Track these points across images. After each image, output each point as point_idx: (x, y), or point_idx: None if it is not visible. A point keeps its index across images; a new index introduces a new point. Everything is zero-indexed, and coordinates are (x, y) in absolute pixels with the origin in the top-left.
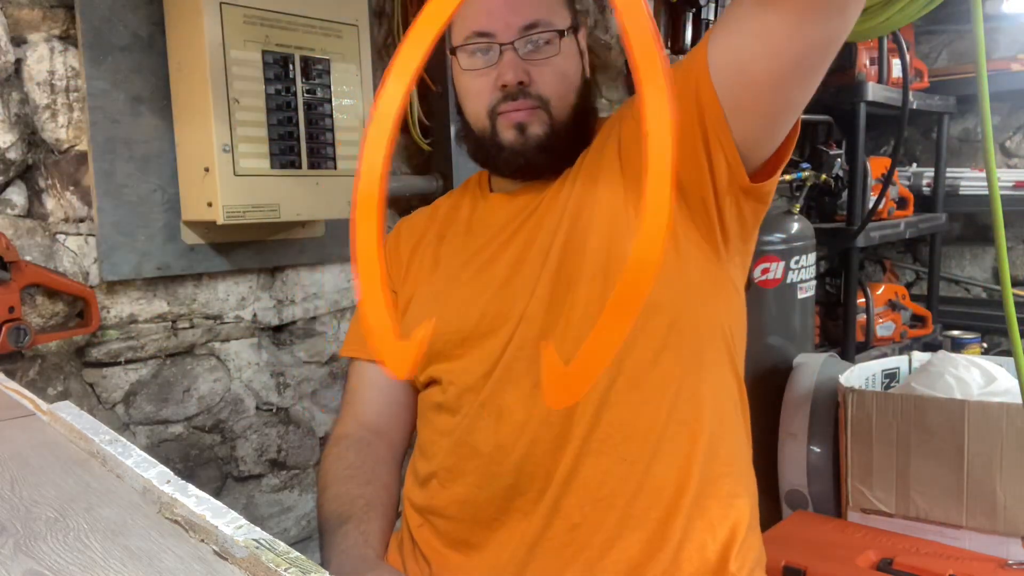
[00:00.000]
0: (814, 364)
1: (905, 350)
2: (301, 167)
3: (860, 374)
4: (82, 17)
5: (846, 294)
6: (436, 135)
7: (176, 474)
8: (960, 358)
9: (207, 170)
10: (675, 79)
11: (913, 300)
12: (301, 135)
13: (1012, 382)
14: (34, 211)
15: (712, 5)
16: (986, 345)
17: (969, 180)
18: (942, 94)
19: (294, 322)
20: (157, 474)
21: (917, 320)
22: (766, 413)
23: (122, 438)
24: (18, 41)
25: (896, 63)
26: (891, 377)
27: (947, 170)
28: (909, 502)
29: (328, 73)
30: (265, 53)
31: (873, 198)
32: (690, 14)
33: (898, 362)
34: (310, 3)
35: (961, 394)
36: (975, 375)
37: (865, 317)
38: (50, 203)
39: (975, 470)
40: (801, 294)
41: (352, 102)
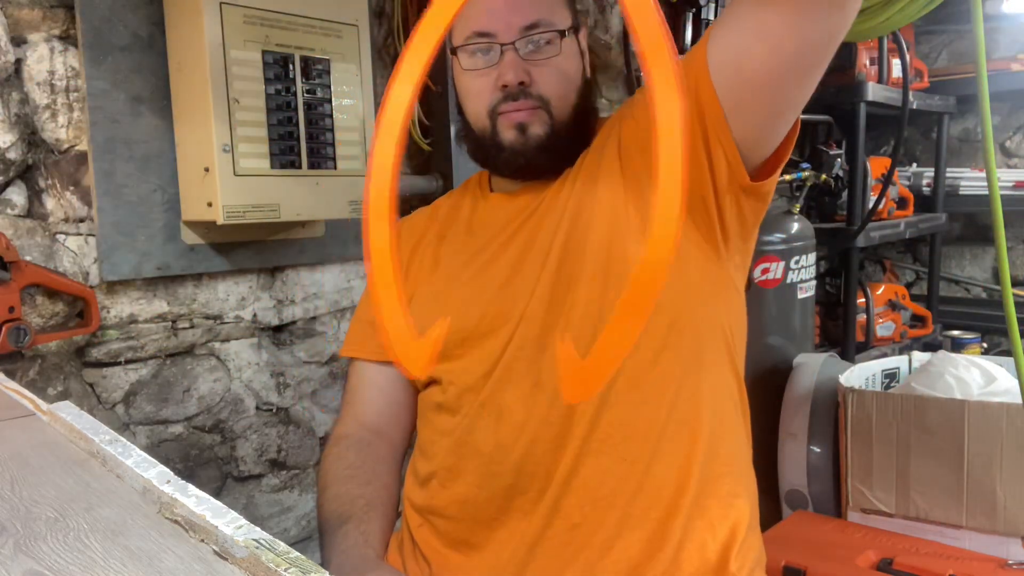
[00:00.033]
0: (814, 364)
1: (905, 350)
2: (301, 167)
3: (860, 374)
4: (82, 17)
5: (846, 294)
6: (436, 135)
7: (176, 474)
8: (960, 358)
9: (207, 170)
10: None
11: (913, 300)
12: (301, 135)
13: (1012, 382)
14: (34, 211)
15: (712, 5)
16: (986, 345)
17: (969, 180)
18: (942, 94)
19: (294, 322)
20: (157, 474)
21: (917, 320)
22: (766, 413)
23: (122, 438)
24: (18, 41)
25: (896, 63)
26: (891, 377)
27: (947, 170)
28: (909, 502)
29: (328, 73)
30: (265, 53)
31: (873, 198)
32: (690, 14)
33: (898, 362)
34: (310, 3)
35: (961, 394)
36: (975, 375)
37: (865, 317)
38: (50, 203)
39: (975, 470)
40: (801, 294)
41: (352, 102)
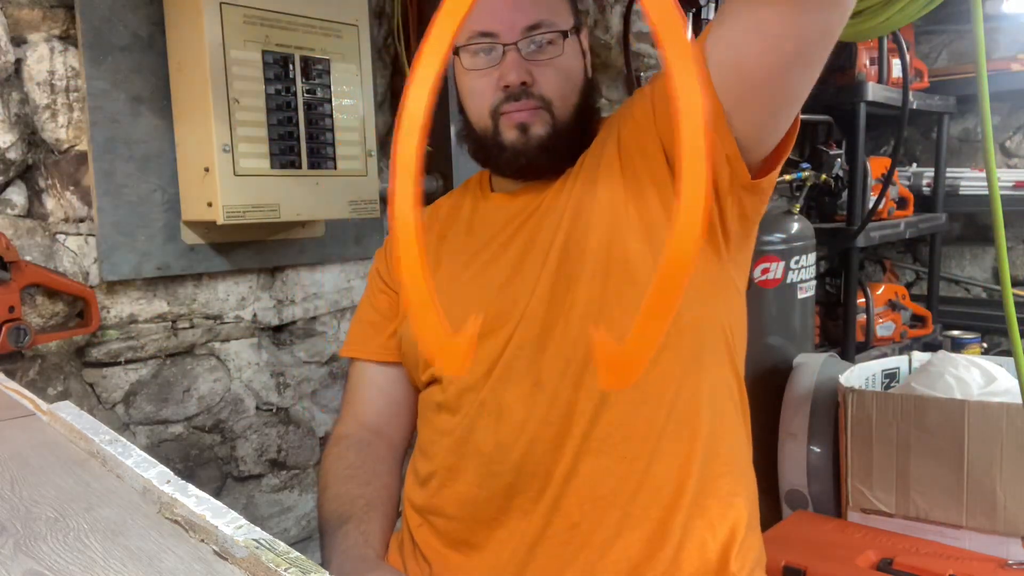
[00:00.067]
0: (814, 364)
1: (905, 350)
2: (301, 167)
3: (860, 374)
4: (82, 17)
5: (846, 294)
6: (436, 135)
7: (176, 474)
8: (960, 358)
9: (207, 170)
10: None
11: (913, 300)
12: (301, 135)
13: (1012, 382)
14: (34, 211)
15: (712, 5)
16: (986, 345)
17: (969, 180)
18: (942, 94)
19: (294, 322)
20: (157, 474)
21: (917, 320)
22: (766, 413)
23: (122, 438)
24: (18, 41)
25: (896, 63)
26: (891, 377)
27: (947, 170)
28: (909, 502)
29: (328, 73)
30: (265, 53)
31: (873, 198)
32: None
33: (898, 362)
34: (310, 3)
35: (961, 394)
36: (975, 375)
37: (865, 317)
38: (50, 203)
39: (975, 470)
40: (801, 294)
41: (352, 102)
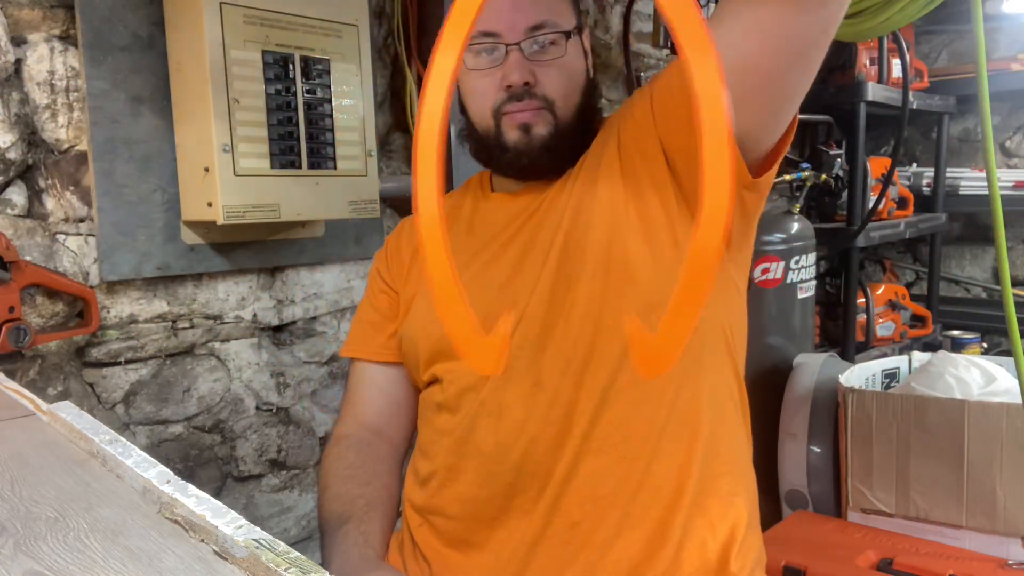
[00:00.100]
0: (814, 364)
1: (905, 350)
2: (301, 167)
3: (860, 374)
4: (82, 17)
5: (846, 294)
6: None
7: (176, 474)
8: (960, 358)
9: (207, 170)
10: (671, 83)
11: (913, 300)
12: (301, 135)
13: (1012, 382)
14: (34, 211)
15: (712, 5)
16: (986, 345)
17: (969, 180)
18: (942, 94)
19: (294, 322)
20: (157, 474)
21: (917, 320)
22: (766, 413)
23: (122, 438)
24: (18, 41)
25: (896, 63)
26: (891, 377)
27: (947, 170)
28: (909, 502)
29: (328, 73)
30: (265, 53)
31: (873, 198)
32: None
33: (898, 362)
34: (310, 3)
35: (961, 394)
36: (975, 375)
37: (865, 317)
38: (50, 203)
39: (975, 470)
40: (801, 294)
41: (352, 102)
